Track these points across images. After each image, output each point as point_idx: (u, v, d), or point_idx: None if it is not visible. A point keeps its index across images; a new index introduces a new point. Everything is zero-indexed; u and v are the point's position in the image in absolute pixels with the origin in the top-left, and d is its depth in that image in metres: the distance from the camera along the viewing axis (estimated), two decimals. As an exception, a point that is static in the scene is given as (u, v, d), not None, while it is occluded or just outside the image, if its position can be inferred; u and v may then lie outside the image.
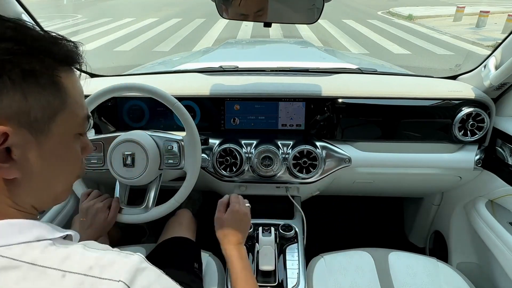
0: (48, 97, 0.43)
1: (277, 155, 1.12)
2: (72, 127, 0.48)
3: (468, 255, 1.30)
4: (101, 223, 0.92)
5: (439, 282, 0.99)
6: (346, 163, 1.17)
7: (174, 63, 1.92)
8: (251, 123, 1.21)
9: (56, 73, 0.44)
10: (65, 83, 0.46)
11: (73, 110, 0.47)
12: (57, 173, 0.48)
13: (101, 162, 0.99)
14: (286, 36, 8.59)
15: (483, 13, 9.54)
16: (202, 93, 1.18)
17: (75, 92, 0.48)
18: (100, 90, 0.97)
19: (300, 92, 1.17)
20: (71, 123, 0.48)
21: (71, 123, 0.47)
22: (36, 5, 12.99)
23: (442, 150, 1.18)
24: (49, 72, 0.44)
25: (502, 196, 1.14)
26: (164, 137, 1.00)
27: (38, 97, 0.42)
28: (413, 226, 1.66)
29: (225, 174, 1.15)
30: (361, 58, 2.99)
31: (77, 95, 0.48)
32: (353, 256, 1.07)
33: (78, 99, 0.48)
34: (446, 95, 1.13)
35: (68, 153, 0.48)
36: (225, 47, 2.33)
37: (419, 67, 5.68)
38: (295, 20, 1.21)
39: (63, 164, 0.48)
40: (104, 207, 0.95)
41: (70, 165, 0.50)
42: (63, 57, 0.46)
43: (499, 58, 1.08)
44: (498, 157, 1.14)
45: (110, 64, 6.10)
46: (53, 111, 0.44)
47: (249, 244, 1.06)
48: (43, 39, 0.44)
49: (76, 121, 0.48)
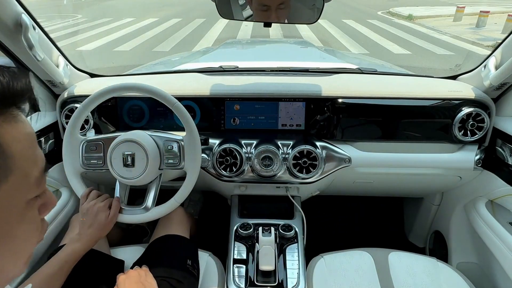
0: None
1: (277, 155, 1.12)
2: (23, 194, 0.35)
3: (468, 255, 1.30)
4: (101, 223, 0.92)
5: (439, 282, 0.99)
6: (346, 163, 1.17)
7: (174, 63, 1.92)
8: (251, 123, 1.21)
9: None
10: (5, 139, 0.32)
11: (22, 172, 0.34)
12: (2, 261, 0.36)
13: (101, 162, 0.99)
14: (286, 36, 8.59)
15: (483, 13, 9.54)
16: (202, 93, 1.18)
17: (21, 146, 0.34)
18: (100, 90, 0.97)
19: (300, 92, 1.17)
20: (21, 190, 0.35)
21: (21, 190, 0.35)
22: (36, 5, 12.99)
23: (442, 150, 1.18)
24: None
25: (502, 196, 1.14)
26: (164, 137, 1.00)
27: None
28: (413, 226, 1.66)
29: (225, 174, 1.15)
30: (361, 58, 2.99)
31: (25, 149, 0.35)
32: (353, 256, 1.07)
33: (27, 153, 0.35)
34: (446, 95, 1.13)
35: (16, 231, 0.36)
36: (225, 47, 2.33)
37: (419, 67, 5.68)
38: (295, 20, 1.21)
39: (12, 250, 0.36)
40: (104, 207, 0.95)
41: (21, 243, 0.37)
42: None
43: (499, 58, 1.08)
44: (498, 157, 1.14)
45: (110, 64, 6.10)
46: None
47: (249, 244, 1.06)
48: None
49: (28, 184, 0.35)
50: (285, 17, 0.95)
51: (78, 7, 16.21)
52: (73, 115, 0.99)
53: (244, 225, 1.10)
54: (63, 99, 1.19)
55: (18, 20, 0.89)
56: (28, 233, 0.38)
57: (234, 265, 0.99)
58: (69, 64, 1.22)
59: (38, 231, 0.40)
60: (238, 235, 1.09)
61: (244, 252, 1.03)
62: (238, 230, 1.09)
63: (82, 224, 0.92)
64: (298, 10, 0.96)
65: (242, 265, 0.99)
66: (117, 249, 1.10)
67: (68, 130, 0.98)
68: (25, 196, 0.36)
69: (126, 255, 1.06)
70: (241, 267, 0.99)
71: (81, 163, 0.99)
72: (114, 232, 1.33)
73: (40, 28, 1.02)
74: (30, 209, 0.37)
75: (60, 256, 0.83)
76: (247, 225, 1.10)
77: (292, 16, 0.98)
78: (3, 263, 0.36)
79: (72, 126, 0.98)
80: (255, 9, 0.95)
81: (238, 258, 1.02)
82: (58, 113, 1.20)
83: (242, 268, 0.99)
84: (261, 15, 0.94)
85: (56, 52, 1.15)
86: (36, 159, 0.37)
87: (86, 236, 0.89)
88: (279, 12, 0.92)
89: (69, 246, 0.86)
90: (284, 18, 0.95)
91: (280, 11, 0.92)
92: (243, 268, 0.99)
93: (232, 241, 1.07)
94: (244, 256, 1.02)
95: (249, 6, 0.96)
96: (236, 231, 1.10)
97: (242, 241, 1.07)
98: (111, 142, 0.96)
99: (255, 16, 0.96)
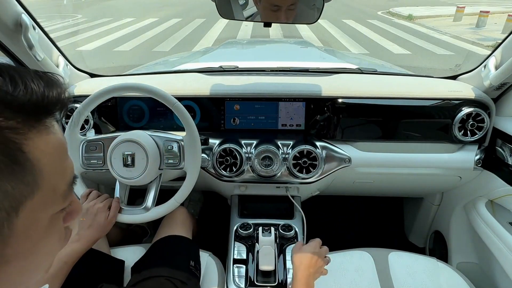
0: (5, 186, 0.28)
1: (277, 155, 1.12)
2: (49, 208, 0.33)
3: (468, 255, 1.30)
4: (101, 223, 0.92)
5: (439, 282, 0.99)
6: (346, 163, 1.17)
7: (174, 63, 1.92)
8: (251, 123, 1.21)
9: (18, 145, 0.28)
10: (35, 154, 0.29)
11: (50, 186, 0.32)
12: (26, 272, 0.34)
13: (101, 162, 0.99)
14: (286, 36, 8.59)
15: (483, 13, 9.54)
16: (202, 93, 1.18)
17: (52, 159, 0.31)
18: (100, 90, 0.97)
19: (300, 92, 1.17)
20: (48, 204, 0.32)
21: (48, 204, 0.32)
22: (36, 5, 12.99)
23: (442, 150, 1.18)
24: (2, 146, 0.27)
25: (502, 196, 1.14)
26: (164, 137, 1.00)
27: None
28: (413, 226, 1.66)
29: (225, 174, 1.15)
30: (361, 58, 2.99)
31: (54, 162, 0.32)
32: (353, 256, 1.07)
33: (56, 166, 0.32)
34: (446, 95, 1.13)
35: (43, 242, 0.34)
36: (225, 47, 2.33)
37: (419, 67, 5.68)
38: (295, 20, 1.21)
39: (34, 260, 0.34)
40: (104, 207, 0.95)
41: (44, 256, 0.35)
42: (29, 109, 0.29)
43: (499, 58, 1.08)
44: (498, 157, 1.14)
45: (110, 64, 6.10)
46: (16, 203, 0.29)
47: (249, 244, 1.06)
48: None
49: (55, 198, 0.33)
50: (292, 17, 0.94)
51: (78, 7, 16.21)
52: (73, 115, 0.99)
53: (244, 225, 1.10)
54: (63, 99, 1.19)
55: (18, 20, 0.89)
56: (51, 246, 0.35)
57: (234, 265, 0.99)
58: (69, 64, 1.22)
59: (62, 240, 0.37)
60: (238, 235, 1.09)
61: (244, 252, 1.03)
62: (238, 230, 1.09)
63: (81, 224, 0.92)
64: (298, 10, 0.96)
65: (242, 265, 0.99)
66: (117, 249, 1.10)
67: (68, 130, 0.98)
68: (51, 212, 0.33)
69: (126, 255, 1.06)
70: (241, 267, 0.99)
71: (81, 163, 0.99)
72: (114, 232, 1.33)
73: (40, 28, 1.02)
74: (55, 223, 0.35)
75: (59, 257, 0.83)
76: (247, 225, 1.10)
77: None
78: (24, 278, 0.34)
79: (72, 126, 0.98)
80: (264, 8, 0.94)
81: (238, 258, 1.02)
82: (58, 113, 1.20)
83: (242, 268, 0.99)
84: (270, 15, 0.93)
85: (56, 52, 1.15)
86: (65, 172, 0.34)
87: (85, 236, 0.89)
88: (289, 13, 0.91)
89: (68, 247, 0.86)
90: (291, 18, 0.94)
91: (289, 12, 0.91)
92: (243, 268, 0.99)
93: (232, 241, 1.07)
94: (244, 256, 1.02)
95: (256, 6, 0.95)
96: (236, 231, 1.10)
97: (242, 241, 1.07)
98: (111, 142, 0.96)
99: (263, 16, 0.95)
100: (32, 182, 0.29)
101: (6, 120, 0.27)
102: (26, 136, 0.29)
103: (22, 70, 0.30)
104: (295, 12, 0.93)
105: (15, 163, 0.28)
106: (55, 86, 0.31)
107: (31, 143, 0.29)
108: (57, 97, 0.31)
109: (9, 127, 0.27)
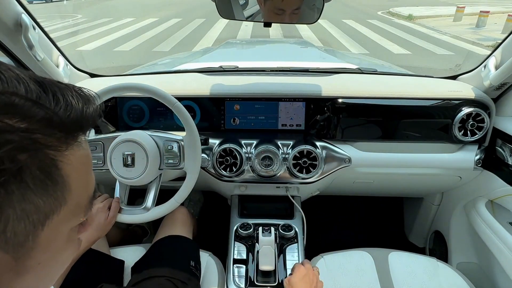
0: (37, 200, 0.28)
1: (277, 155, 1.12)
2: (71, 222, 0.33)
3: (468, 255, 1.30)
4: (101, 223, 0.92)
5: (439, 282, 0.99)
6: (346, 163, 1.17)
7: (174, 63, 1.92)
8: (251, 123, 1.21)
9: (54, 162, 0.28)
10: (66, 170, 0.30)
11: (75, 201, 0.32)
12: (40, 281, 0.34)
13: (101, 162, 0.99)
14: (286, 36, 8.59)
15: (483, 13, 9.54)
16: (202, 93, 1.18)
17: (79, 174, 0.32)
18: (100, 90, 0.97)
19: (300, 92, 1.17)
20: (71, 218, 0.33)
21: (70, 219, 0.33)
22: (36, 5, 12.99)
23: (442, 150, 1.18)
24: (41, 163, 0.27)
25: (502, 196, 1.14)
26: (164, 137, 1.00)
27: (19, 205, 0.27)
28: (413, 226, 1.66)
29: (225, 174, 1.15)
30: (361, 58, 2.99)
31: (81, 177, 0.32)
32: (353, 256, 1.07)
33: (82, 181, 0.33)
34: (446, 95, 1.13)
35: (60, 253, 0.34)
36: (225, 47, 2.33)
37: (419, 67, 5.67)
38: (295, 20, 1.21)
39: (49, 270, 0.34)
40: (104, 207, 0.95)
41: (60, 266, 0.36)
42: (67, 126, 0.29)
43: (499, 58, 1.08)
44: (498, 157, 1.14)
45: (110, 64, 6.10)
46: (43, 217, 0.29)
47: (249, 244, 1.06)
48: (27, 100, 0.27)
49: (78, 212, 0.34)
50: (295, 20, 0.94)
51: (78, 7, 16.21)
52: (73, 115, 0.98)
53: (244, 225, 1.10)
54: (63, 99, 1.19)
55: (18, 20, 0.89)
56: (67, 256, 0.36)
57: (234, 265, 0.99)
58: (69, 64, 1.22)
59: (76, 250, 0.38)
60: (238, 235, 1.09)
61: (244, 252, 1.03)
62: (238, 230, 1.09)
63: (81, 225, 0.92)
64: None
65: (242, 265, 0.99)
66: (117, 249, 1.10)
67: (68, 130, 0.98)
68: (71, 225, 0.34)
69: (126, 255, 1.06)
70: (241, 267, 0.99)
71: (81, 163, 0.99)
72: (114, 232, 1.33)
73: (40, 28, 1.02)
74: (73, 235, 0.35)
75: None
76: (247, 225, 1.10)
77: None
78: (40, 284, 0.35)
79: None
80: (268, 10, 0.94)
81: (238, 258, 1.02)
82: None
83: (242, 268, 0.99)
84: (273, 17, 0.94)
85: (56, 52, 1.15)
86: (88, 186, 0.34)
87: (85, 236, 0.89)
88: (292, 16, 0.92)
89: None
90: (295, 20, 0.95)
91: (293, 16, 0.92)
92: (243, 268, 0.99)
93: (232, 241, 1.07)
94: (244, 256, 1.02)
95: (260, 7, 0.95)
96: (236, 231, 1.10)
97: (242, 241, 1.07)
98: (111, 142, 0.96)
99: (266, 17, 0.95)
100: (60, 197, 0.30)
101: (46, 137, 0.28)
102: (62, 153, 0.29)
103: (63, 86, 0.30)
104: (299, 16, 0.93)
105: (50, 179, 0.28)
106: (92, 103, 0.32)
107: (65, 160, 0.30)
108: (93, 114, 0.32)
109: (48, 144, 0.28)
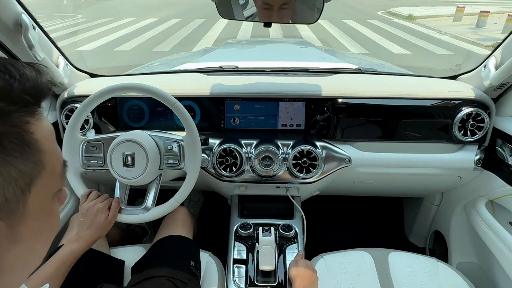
0: (19, 164, 0.31)
1: (277, 155, 1.12)
2: (51, 187, 0.37)
3: (468, 255, 1.30)
4: (101, 223, 0.92)
5: (439, 282, 0.99)
6: (346, 163, 1.17)
7: (174, 63, 1.92)
8: (251, 123, 1.21)
9: (25, 127, 0.32)
10: (38, 135, 0.33)
11: (51, 166, 0.35)
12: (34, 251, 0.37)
13: (101, 162, 0.99)
14: (286, 36, 8.58)
15: (483, 13, 9.54)
16: (202, 93, 1.18)
17: (49, 141, 0.35)
18: (100, 90, 0.97)
19: (300, 92, 1.17)
20: (51, 184, 0.36)
21: (50, 184, 0.36)
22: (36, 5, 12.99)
23: (442, 150, 1.18)
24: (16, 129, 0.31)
25: (502, 196, 1.14)
26: (164, 137, 1.00)
27: (5, 170, 0.30)
28: (413, 226, 1.66)
29: (225, 174, 1.15)
30: (361, 58, 2.99)
31: (51, 144, 0.36)
32: (353, 256, 1.07)
33: (53, 148, 0.36)
34: (446, 95, 1.13)
35: (46, 222, 0.38)
36: (225, 47, 2.33)
37: (419, 67, 5.67)
38: (295, 20, 1.21)
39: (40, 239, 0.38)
40: (104, 207, 0.95)
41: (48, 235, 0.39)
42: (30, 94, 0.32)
43: (499, 58, 1.08)
44: (498, 157, 1.14)
45: (110, 64, 6.10)
46: (28, 181, 0.32)
47: (249, 244, 1.06)
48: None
49: (55, 178, 0.37)
50: (287, 17, 0.94)
51: (78, 7, 16.20)
52: (73, 115, 0.99)
53: (244, 225, 1.10)
54: (63, 99, 1.19)
55: (18, 20, 0.89)
56: (52, 226, 0.40)
57: (234, 265, 0.99)
58: (69, 64, 1.22)
59: (57, 226, 0.42)
60: (238, 235, 1.09)
61: (244, 252, 1.03)
62: (238, 230, 1.09)
63: (81, 224, 0.92)
64: (298, 10, 0.96)
65: (242, 265, 0.99)
66: (117, 249, 1.10)
67: (68, 130, 0.98)
68: (53, 190, 0.38)
69: (126, 255, 1.06)
70: (241, 267, 0.99)
71: (81, 163, 0.99)
72: (114, 232, 1.33)
73: (40, 28, 1.02)
74: (54, 204, 0.39)
75: (58, 256, 0.83)
76: (247, 225, 1.10)
77: (293, 16, 0.98)
78: (31, 258, 0.37)
79: (72, 126, 0.98)
80: (258, 7, 0.95)
81: (238, 258, 1.02)
82: (58, 113, 1.20)
83: (242, 268, 0.99)
84: (263, 14, 0.94)
85: (56, 52, 1.15)
86: (59, 154, 0.38)
87: (85, 236, 0.89)
88: (282, 12, 0.91)
89: (67, 246, 0.86)
90: (287, 18, 0.94)
91: (282, 11, 0.91)
92: (243, 268, 0.99)
93: (232, 241, 1.07)
94: (244, 256, 1.02)
95: (255, 5, 0.96)
96: (236, 231, 1.10)
97: (242, 241, 1.07)
98: (111, 142, 0.96)
99: (259, 15, 0.96)
100: (39, 162, 0.33)
101: (11, 106, 0.30)
102: (30, 119, 0.32)
103: (14, 61, 0.33)
104: (290, 12, 0.92)
105: (26, 144, 0.31)
106: (44, 73, 0.35)
107: (34, 127, 0.33)
108: (46, 83, 0.35)
109: (16, 110, 0.31)
